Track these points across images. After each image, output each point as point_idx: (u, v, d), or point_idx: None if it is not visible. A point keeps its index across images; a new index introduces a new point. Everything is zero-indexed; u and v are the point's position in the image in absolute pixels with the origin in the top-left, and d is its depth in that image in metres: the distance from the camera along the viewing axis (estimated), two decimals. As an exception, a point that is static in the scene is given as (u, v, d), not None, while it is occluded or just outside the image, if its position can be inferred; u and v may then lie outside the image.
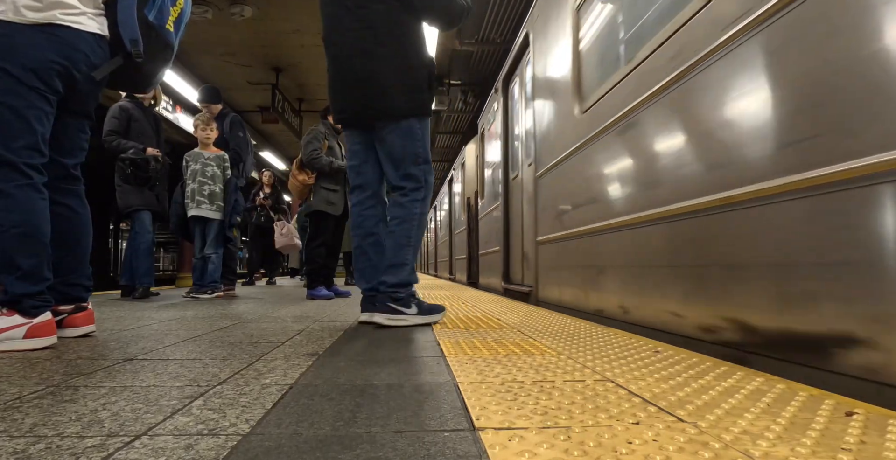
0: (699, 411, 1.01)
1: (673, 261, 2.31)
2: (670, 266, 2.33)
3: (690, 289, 2.17)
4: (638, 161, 2.68)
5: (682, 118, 2.23)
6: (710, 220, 2.02)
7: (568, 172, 3.75)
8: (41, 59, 1.82)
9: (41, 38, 1.83)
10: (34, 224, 1.82)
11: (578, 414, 0.99)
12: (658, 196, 2.42)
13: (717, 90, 1.97)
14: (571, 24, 3.71)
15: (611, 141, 2.98)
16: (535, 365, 1.46)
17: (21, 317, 1.78)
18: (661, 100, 2.38)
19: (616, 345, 1.87)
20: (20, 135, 1.80)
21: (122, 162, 4.40)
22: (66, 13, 1.87)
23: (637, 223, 2.62)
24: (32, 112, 1.83)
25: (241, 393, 1.16)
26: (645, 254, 2.57)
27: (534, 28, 4.80)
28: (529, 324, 2.49)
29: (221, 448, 0.81)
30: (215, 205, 4.61)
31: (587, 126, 3.32)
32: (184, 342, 1.94)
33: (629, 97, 2.69)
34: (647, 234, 2.54)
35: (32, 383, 1.26)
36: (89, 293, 2.14)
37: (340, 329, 2.34)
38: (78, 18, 1.90)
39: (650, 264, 2.52)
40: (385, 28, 2.47)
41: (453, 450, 0.80)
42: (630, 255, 2.74)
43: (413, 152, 2.50)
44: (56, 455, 0.78)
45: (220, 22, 7.25)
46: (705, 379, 1.30)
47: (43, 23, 1.83)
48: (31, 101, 1.82)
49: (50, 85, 1.86)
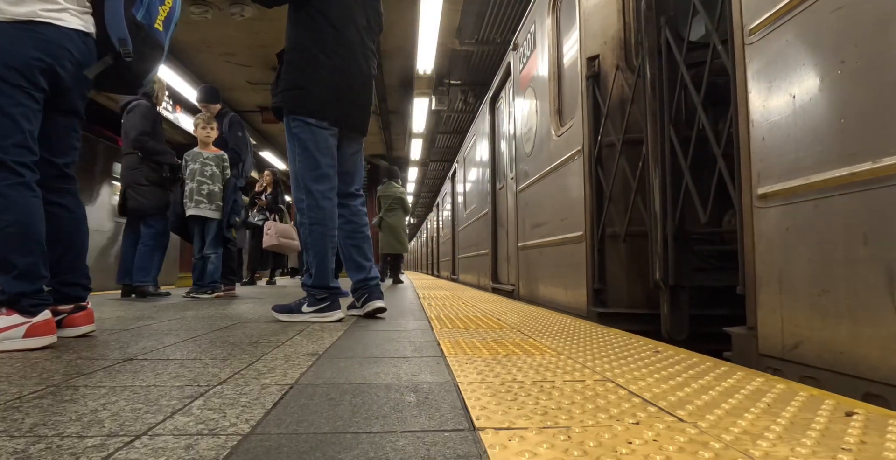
0: (699, 411, 1.01)
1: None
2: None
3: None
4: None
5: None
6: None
7: (541, 191, 4.40)
8: (24, 57, 1.82)
9: (23, 36, 1.82)
10: (28, 222, 1.82)
11: (578, 414, 0.99)
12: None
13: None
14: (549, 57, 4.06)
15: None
16: (535, 365, 1.47)
17: (20, 316, 1.78)
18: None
19: (616, 344, 1.87)
20: (8, 133, 1.80)
21: (157, 164, 4.54)
22: (47, 10, 1.86)
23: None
24: (19, 110, 1.82)
25: (242, 393, 1.16)
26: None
27: (514, 59, 5.44)
28: (529, 324, 2.50)
29: (222, 448, 0.81)
30: (214, 205, 4.61)
31: (562, 149, 3.76)
32: (184, 342, 1.94)
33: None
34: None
35: (32, 383, 1.26)
36: (88, 292, 2.14)
37: (341, 328, 2.34)
38: (60, 15, 1.89)
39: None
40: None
41: (453, 450, 0.80)
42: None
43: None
44: (56, 455, 0.78)
45: (220, 22, 7.25)
46: (705, 380, 1.30)
47: (24, 20, 1.82)
48: (17, 98, 1.82)
49: (34, 82, 1.85)
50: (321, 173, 2.59)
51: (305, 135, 2.58)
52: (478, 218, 7.84)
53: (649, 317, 2.78)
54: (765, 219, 1.78)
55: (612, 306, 3.03)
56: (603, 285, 3.08)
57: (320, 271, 2.58)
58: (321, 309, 2.58)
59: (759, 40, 1.82)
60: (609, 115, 3.09)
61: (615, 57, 3.14)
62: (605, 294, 3.08)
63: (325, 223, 2.59)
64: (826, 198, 1.51)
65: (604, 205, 3.10)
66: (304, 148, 2.58)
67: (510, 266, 5.65)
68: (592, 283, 3.12)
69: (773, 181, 1.73)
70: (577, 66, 3.41)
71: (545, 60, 4.19)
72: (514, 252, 5.34)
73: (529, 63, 4.76)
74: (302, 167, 2.59)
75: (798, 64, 1.64)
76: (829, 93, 1.51)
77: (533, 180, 4.57)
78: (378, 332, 2.23)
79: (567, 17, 3.77)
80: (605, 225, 3.09)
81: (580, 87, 3.35)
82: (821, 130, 1.54)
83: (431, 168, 18.34)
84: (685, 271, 2.47)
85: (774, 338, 1.73)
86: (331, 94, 2.60)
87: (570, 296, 3.57)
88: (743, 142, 1.90)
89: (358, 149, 2.86)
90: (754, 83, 1.85)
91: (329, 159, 2.62)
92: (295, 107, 2.58)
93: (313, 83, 2.56)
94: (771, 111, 1.75)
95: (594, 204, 3.16)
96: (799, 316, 1.62)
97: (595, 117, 3.19)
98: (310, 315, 2.58)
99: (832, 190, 1.48)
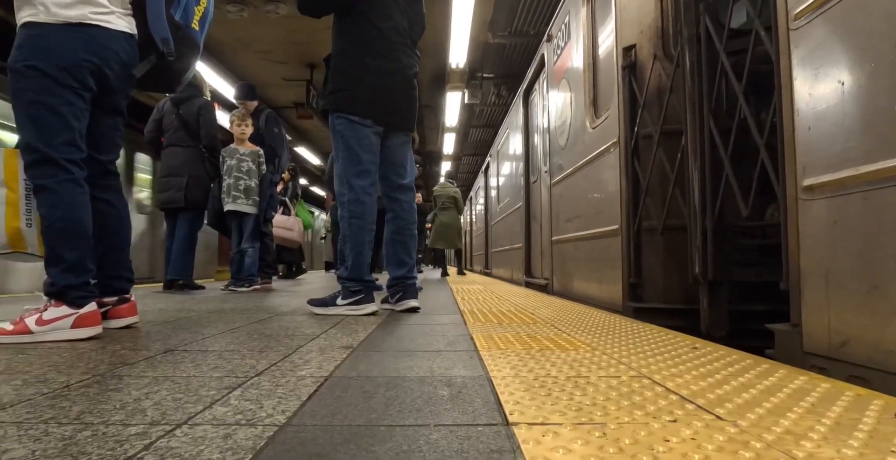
0: (739, 409, 0.98)
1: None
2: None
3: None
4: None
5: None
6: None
7: (576, 184, 4.35)
8: (75, 59, 1.88)
9: (74, 38, 1.88)
10: (76, 218, 1.89)
11: (614, 410, 0.98)
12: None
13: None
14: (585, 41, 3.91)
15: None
16: (569, 361, 1.45)
17: (68, 307, 1.84)
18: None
19: (652, 340, 1.83)
20: (59, 132, 1.87)
21: (215, 159, 4.76)
22: (96, 12, 1.92)
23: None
24: (69, 109, 1.89)
25: (278, 384, 1.18)
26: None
27: (548, 51, 5.39)
28: (563, 318, 2.47)
29: (258, 438, 0.82)
30: (251, 200, 4.69)
31: (598, 141, 3.70)
32: (222, 334, 1.99)
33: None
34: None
35: (79, 372, 1.31)
36: (131, 285, 2.21)
37: (374, 322, 2.36)
38: (107, 17, 1.95)
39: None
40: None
41: (486, 444, 0.80)
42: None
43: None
44: (102, 441, 0.81)
45: (256, 20, 7.35)
46: (745, 377, 1.26)
47: (75, 22, 1.88)
48: (67, 98, 1.89)
49: (84, 83, 1.92)
50: (363, 169, 2.66)
51: (348, 132, 2.64)
52: (511, 212, 7.84)
53: (687, 313, 2.72)
54: (810, 212, 1.72)
55: (649, 301, 2.97)
56: (639, 280, 3.03)
57: (356, 264, 2.63)
58: (355, 301, 2.61)
59: (804, 25, 1.74)
60: (646, 106, 3.03)
61: (652, 46, 3.07)
62: (641, 288, 3.03)
63: (364, 217, 2.65)
64: (877, 191, 1.45)
65: (640, 198, 3.04)
66: (347, 145, 2.65)
67: (543, 260, 5.63)
68: (628, 278, 3.08)
69: (820, 172, 1.67)
70: (613, 56, 3.35)
71: (580, 51, 4.13)
72: (548, 246, 5.30)
73: (564, 54, 4.70)
74: (345, 163, 2.67)
75: (847, 49, 1.57)
76: (882, 79, 1.44)
77: (567, 173, 4.52)
78: (411, 326, 2.24)
79: (602, 6, 3.70)
80: (642, 218, 3.03)
81: (616, 78, 3.29)
82: (872, 119, 1.47)
83: (464, 162, 18.31)
84: (725, 265, 2.41)
85: (820, 335, 1.67)
86: (374, 95, 2.67)
87: (604, 290, 3.53)
88: (787, 132, 1.84)
89: (405, 140, 2.90)
90: (799, 70, 1.78)
91: (370, 156, 2.69)
92: (340, 106, 2.66)
93: (357, 85, 2.65)
94: (817, 99, 1.68)
95: (630, 197, 3.11)
96: (847, 313, 1.56)
97: (631, 108, 3.13)
98: (344, 308, 2.61)
99: (884, 181, 1.42)
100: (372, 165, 2.70)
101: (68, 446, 0.78)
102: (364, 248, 2.65)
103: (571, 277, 4.48)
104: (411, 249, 2.90)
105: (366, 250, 2.66)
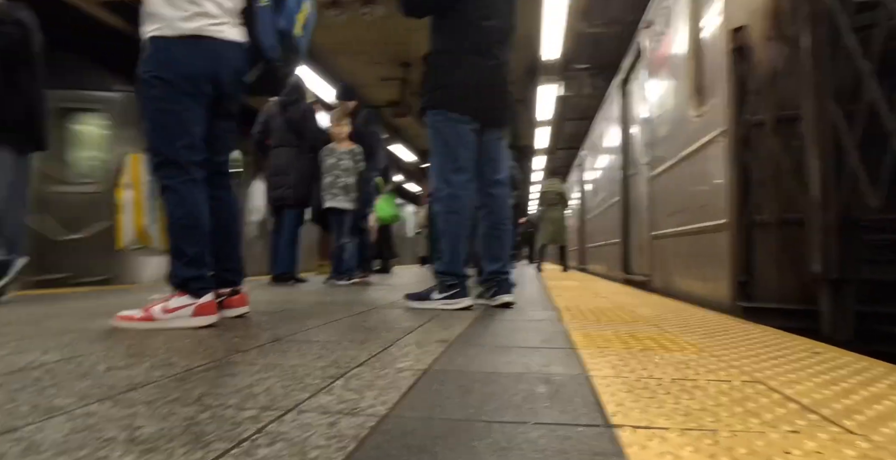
0: (871, 423, 0.89)
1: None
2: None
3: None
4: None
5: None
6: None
7: (678, 177, 4.13)
8: (194, 68, 2.05)
9: (194, 49, 2.04)
10: (197, 216, 2.06)
11: (725, 416, 0.92)
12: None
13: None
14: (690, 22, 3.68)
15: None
16: (674, 362, 1.38)
17: (189, 297, 2.01)
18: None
19: (765, 342, 1.71)
20: (181, 136, 2.05)
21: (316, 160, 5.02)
22: (212, 24, 2.07)
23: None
24: (190, 115, 2.06)
25: (378, 376, 1.21)
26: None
27: (646, 38, 5.19)
28: (665, 317, 2.36)
29: (361, 427, 0.85)
30: (350, 197, 4.88)
31: (702, 130, 3.49)
32: (325, 325, 2.08)
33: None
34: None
35: (199, 357, 1.42)
36: (242, 277, 2.36)
37: (470, 317, 2.37)
38: (221, 28, 2.10)
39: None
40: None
41: (589, 447, 0.77)
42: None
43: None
44: (220, 422, 0.86)
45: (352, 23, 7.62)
46: (877, 387, 1.14)
47: (195, 35, 2.03)
48: (188, 105, 2.06)
49: (203, 90, 2.08)
50: (460, 165, 2.69)
51: (446, 128, 2.69)
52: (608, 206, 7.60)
53: (803, 314, 2.51)
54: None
55: (760, 300, 2.77)
56: (749, 277, 2.83)
57: (452, 258, 2.67)
58: (450, 296, 2.64)
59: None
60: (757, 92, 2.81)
61: (764, 26, 2.85)
62: (751, 287, 2.83)
63: (460, 212, 2.69)
64: None
65: (750, 191, 2.84)
66: (444, 141, 2.69)
67: (643, 256, 5.42)
68: (737, 275, 2.88)
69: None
70: (720, 39, 3.14)
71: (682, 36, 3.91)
72: (647, 241, 5.10)
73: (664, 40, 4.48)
74: (442, 159, 2.71)
75: None
76: None
77: (668, 165, 4.30)
78: (506, 322, 2.23)
79: (708, -13, 3.48)
80: (752, 212, 2.83)
81: (723, 63, 3.08)
82: None
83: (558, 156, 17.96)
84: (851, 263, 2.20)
85: (969, 342, 1.48)
86: (470, 92, 2.69)
87: (709, 288, 3.33)
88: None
89: (500, 136, 2.91)
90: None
91: (467, 152, 2.71)
92: (437, 103, 2.70)
93: (454, 82, 2.68)
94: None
95: (739, 189, 2.91)
96: None
97: (741, 94, 2.92)
98: (439, 302, 2.65)
99: None
100: (469, 162, 2.72)
101: (191, 426, 0.85)
102: (459, 243, 2.69)
103: (673, 274, 4.27)
104: (505, 244, 2.90)
105: (461, 244, 2.70)
